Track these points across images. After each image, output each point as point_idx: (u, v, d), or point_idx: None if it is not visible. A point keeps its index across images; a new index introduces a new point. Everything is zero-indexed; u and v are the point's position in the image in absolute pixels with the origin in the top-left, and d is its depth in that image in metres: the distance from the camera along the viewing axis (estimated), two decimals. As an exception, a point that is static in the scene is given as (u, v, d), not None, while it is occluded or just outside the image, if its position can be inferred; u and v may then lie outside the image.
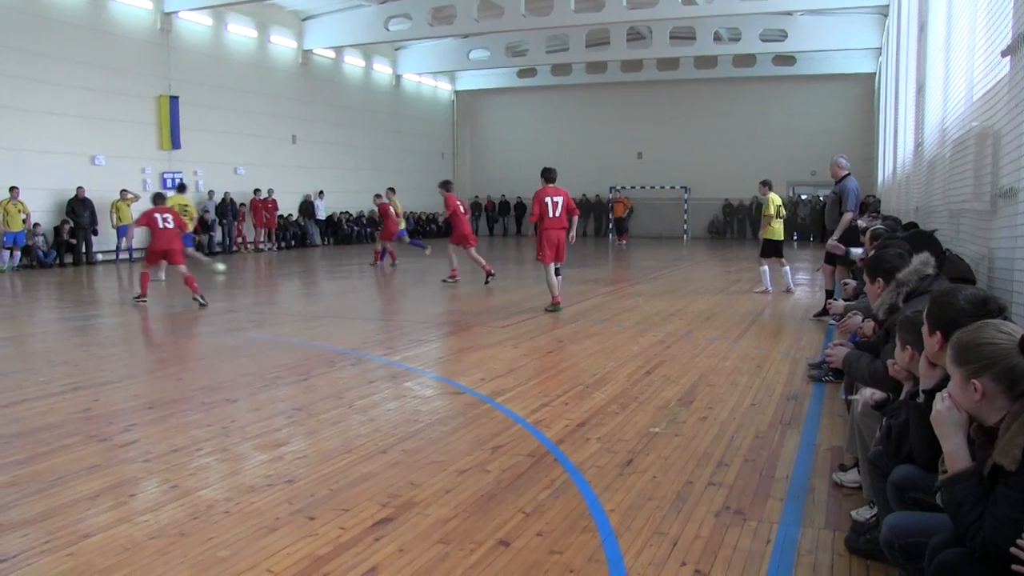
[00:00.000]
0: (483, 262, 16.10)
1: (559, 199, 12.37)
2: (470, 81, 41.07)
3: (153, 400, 6.78)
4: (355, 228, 33.62)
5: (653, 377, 7.61)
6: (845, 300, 7.11)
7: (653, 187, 38.13)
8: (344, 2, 29.93)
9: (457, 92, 41.95)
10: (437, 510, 4.30)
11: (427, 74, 38.76)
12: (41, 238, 21.93)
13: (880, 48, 28.08)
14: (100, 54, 23.71)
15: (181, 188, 21.89)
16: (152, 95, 25.56)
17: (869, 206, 12.57)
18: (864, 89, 34.22)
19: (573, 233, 12.67)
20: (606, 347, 9.22)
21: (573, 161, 37.47)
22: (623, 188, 37.35)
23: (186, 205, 20.11)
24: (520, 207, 39.56)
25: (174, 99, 25.82)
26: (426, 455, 5.25)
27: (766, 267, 14.65)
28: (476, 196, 41.15)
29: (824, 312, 10.79)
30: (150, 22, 25.54)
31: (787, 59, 33.94)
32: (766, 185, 15.01)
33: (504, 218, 40.65)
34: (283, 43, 30.92)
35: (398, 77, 37.62)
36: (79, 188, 22.53)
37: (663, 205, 38.68)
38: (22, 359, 9.11)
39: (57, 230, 22.45)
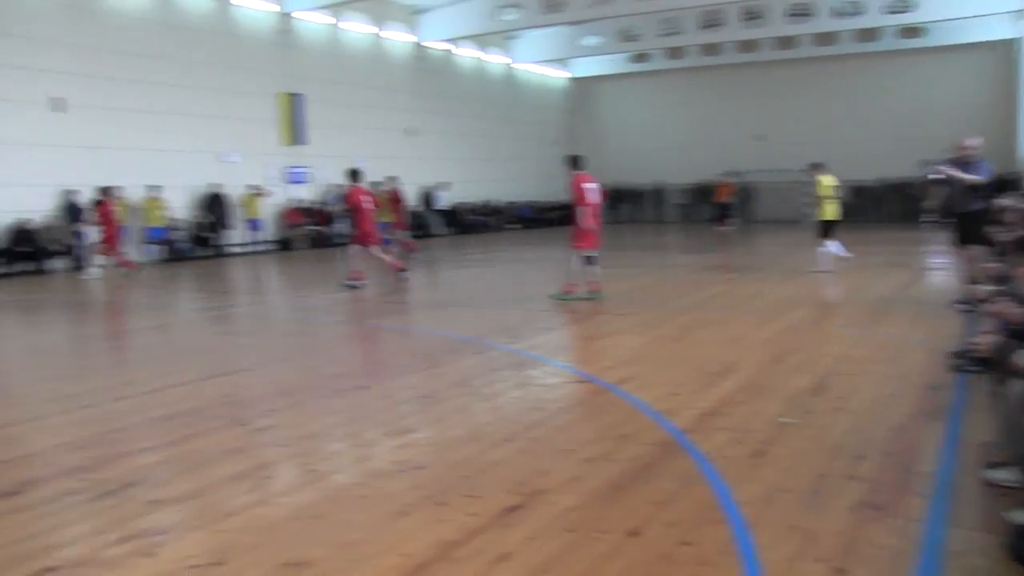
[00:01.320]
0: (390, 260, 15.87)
1: (596, 186, 12.38)
2: (583, 68, 40.80)
3: (288, 387, 7.02)
4: (475, 218, 33.96)
5: (782, 365, 7.44)
6: (987, 284, 6.76)
7: (771, 170, 37.17)
8: (457, -6, 30.29)
9: (572, 79, 41.82)
10: (565, 498, 4.32)
11: (540, 62, 38.74)
12: (181, 233, 23.00)
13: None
14: (227, 56, 24.65)
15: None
16: (276, 93, 26.40)
17: (1009, 183, 11.95)
18: (1002, 58, 32.33)
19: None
20: (732, 335, 9.05)
21: (688, 145, 36.87)
22: (740, 172, 36.55)
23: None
24: (638, 193, 39.17)
25: (297, 96, 26.60)
26: (553, 443, 5.29)
27: (827, 247, 14.53)
28: (594, 183, 40.97)
29: (964, 300, 10.32)
30: (271, 23, 26.38)
31: (913, 31, 32.37)
32: (816, 168, 14.91)
33: (623, 205, 40.30)
34: (397, 37, 31.42)
35: (511, 67, 37.78)
36: (213, 184, 23.53)
37: (783, 188, 37.69)
38: (167, 347, 9.58)
39: (194, 225, 23.52)
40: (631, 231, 33.18)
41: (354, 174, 15.29)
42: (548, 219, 37.54)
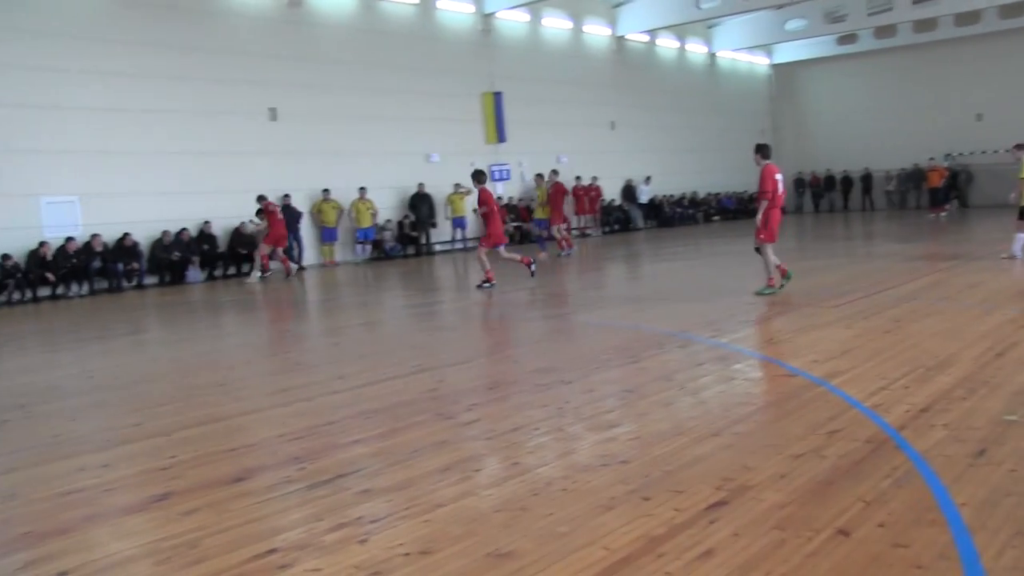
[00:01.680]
0: (517, 257, 15.51)
1: (781, 176, 11.87)
2: (787, 53, 39.36)
3: (492, 381, 7.17)
4: (677, 211, 33.52)
5: (1005, 360, 6.87)
6: None
7: (996, 151, 34.42)
8: (655, -15, 29.95)
9: (774, 66, 40.45)
10: (772, 495, 4.16)
11: (742, 50, 37.70)
12: (389, 232, 24.01)
13: None
14: (430, 60, 25.53)
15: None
16: (477, 92, 27.04)
17: None
18: None
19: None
20: (949, 327, 8.47)
21: (898, 129, 34.82)
22: (956, 155, 34.16)
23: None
24: (846, 181, 37.37)
25: (497, 95, 27.12)
26: (759, 438, 5.12)
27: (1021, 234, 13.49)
28: (799, 172, 39.43)
29: None
30: (472, 24, 27.04)
31: None
32: (1021, 148, 13.79)
33: (830, 193, 38.54)
34: (597, 31, 31.44)
35: (712, 55, 37.00)
36: (420, 184, 24.41)
37: (1002, 171, 34.86)
38: (377, 342, 10.01)
39: (400, 224, 24.48)
40: (838, 220, 31.77)
41: (479, 175, 15.24)
42: (751, 210, 36.50)
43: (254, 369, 8.72)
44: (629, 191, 31.92)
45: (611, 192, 31.22)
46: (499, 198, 27.10)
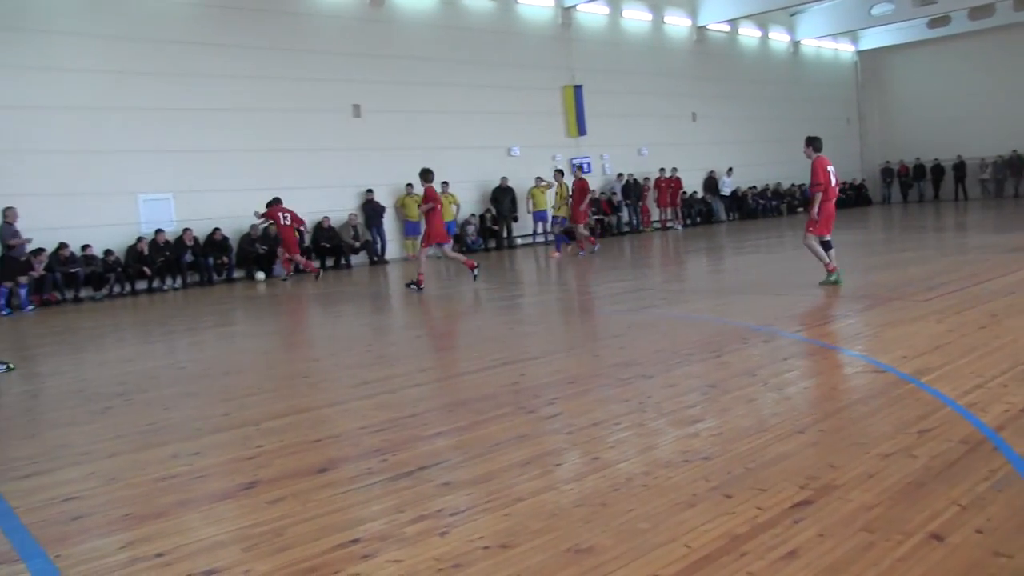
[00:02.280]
0: (462, 258, 15.58)
1: (833, 168, 11.72)
2: (874, 39, 38.30)
3: (573, 375, 7.15)
4: (760, 202, 32.98)
5: (1116, 357, 6.59)
6: None
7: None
8: (736, -27, 29.47)
9: (860, 52, 39.44)
10: (860, 495, 4.06)
11: (826, 37, 36.82)
12: (471, 227, 24.17)
13: None
14: (510, 54, 25.61)
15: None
16: (558, 86, 27.02)
17: None
18: None
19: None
20: (1053, 321, 8.16)
21: (994, 115, 33.63)
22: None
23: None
24: (937, 169, 36.26)
25: (578, 88, 27.06)
26: (846, 436, 5.00)
27: None
28: (887, 161, 38.42)
29: None
30: (552, 17, 27.00)
31: None
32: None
33: (920, 183, 37.44)
34: (677, 22, 31.11)
35: (796, 43, 36.24)
36: (502, 178, 24.51)
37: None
38: (459, 336, 10.10)
39: (482, 218, 24.61)
40: (929, 210, 30.84)
41: (426, 173, 15.28)
42: (836, 200, 35.74)
43: (337, 361, 8.87)
44: (711, 183, 31.53)
45: (693, 184, 30.87)
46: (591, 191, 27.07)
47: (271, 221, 19.29)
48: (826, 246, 11.78)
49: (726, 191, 31.78)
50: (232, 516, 4.39)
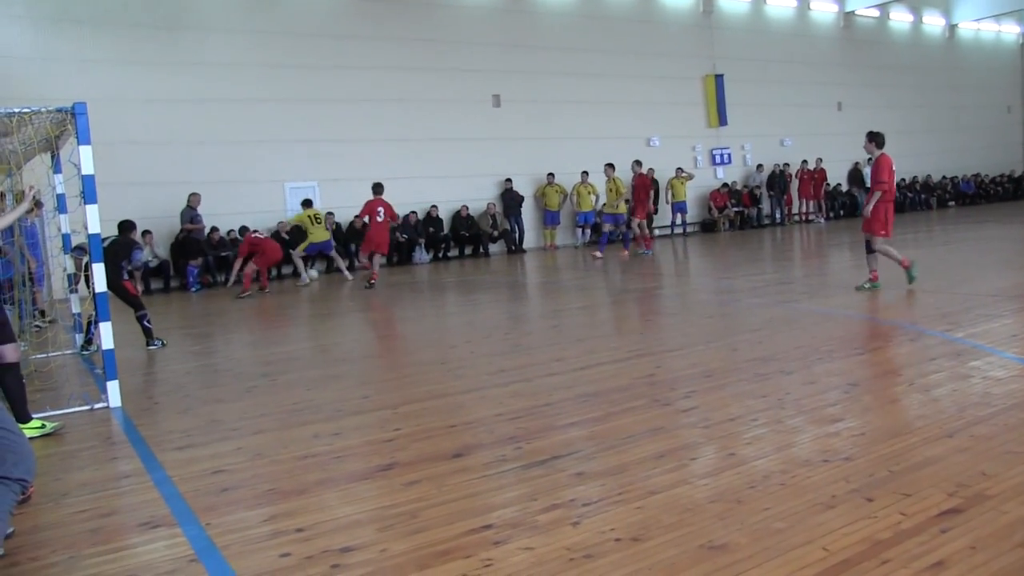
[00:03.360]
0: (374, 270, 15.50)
1: (895, 168, 11.10)
2: (1039, 19, 36.05)
3: (710, 369, 7.04)
4: (908, 195, 31.61)
5: None
6: None
7: None
8: (893, -47, 28.19)
9: (1023, 34, 37.14)
10: (1017, 508, 3.82)
11: (987, 19, 34.75)
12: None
13: None
14: (650, 43, 25.34)
15: (306, 204, 18.59)
16: (699, 75, 26.58)
17: None
18: None
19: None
20: None
21: None
22: None
23: (316, 215, 18.15)
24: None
25: (719, 77, 26.55)
26: (1000, 443, 4.73)
27: None
28: (1052, 154, 36.20)
29: None
30: (693, 5, 26.55)
31: None
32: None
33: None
34: (824, 8, 30.10)
35: (952, 27, 34.42)
36: (648, 168, 24.23)
37: None
38: (595, 326, 10.08)
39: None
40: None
41: (376, 187, 16.02)
42: (992, 194, 33.95)
43: (475, 349, 8.99)
44: (856, 175, 30.37)
45: (837, 176, 29.83)
46: (725, 184, 26.52)
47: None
48: (868, 248, 11.15)
49: (870, 183, 30.59)
50: (369, 496, 4.52)
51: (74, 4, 17.85)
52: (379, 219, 15.88)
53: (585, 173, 22.75)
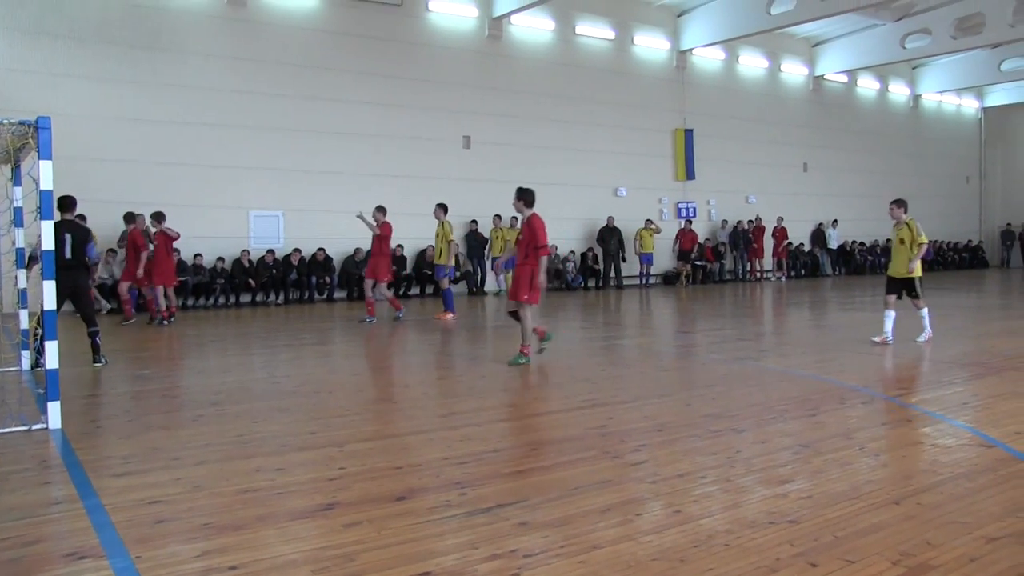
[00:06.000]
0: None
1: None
2: (1001, 96, 37.04)
3: (663, 423, 7.00)
4: (869, 258, 32.09)
5: None
6: None
7: None
8: (857, 24, 28.84)
9: (985, 109, 38.14)
10: (959, 578, 3.82)
11: (949, 91, 35.71)
12: (571, 264, 24.12)
13: None
14: (623, 94, 25.69)
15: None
16: (669, 129, 26.91)
17: None
18: None
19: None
20: None
21: None
22: None
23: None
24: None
25: (689, 132, 26.91)
26: (946, 512, 4.73)
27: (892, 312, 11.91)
28: (1008, 223, 36.96)
29: None
30: (667, 60, 26.96)
31: None
32: (900, 206, 11.91)
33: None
34: (794, 70, 30.73)
35: (916, 97, 35.29)
36: (609, 218, 24.43)
37: None
38: (550, 374, 10.00)
39: (584, 256, 24.53)
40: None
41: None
42: (950, 261, 34.58)
43: (427, 390, 8.89)
44: (819, 235, 30.83)
45: (800, 235, 30.24)
46: (689, 222, 26.74)
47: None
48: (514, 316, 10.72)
49: (834, 244, 31.02)
50: (307, 536, 4.40)
51: (51, 18, 17.74)
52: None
53: (497, 217, 22.64)
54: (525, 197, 10.47)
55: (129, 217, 15.87)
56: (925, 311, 11.93)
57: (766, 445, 6.24)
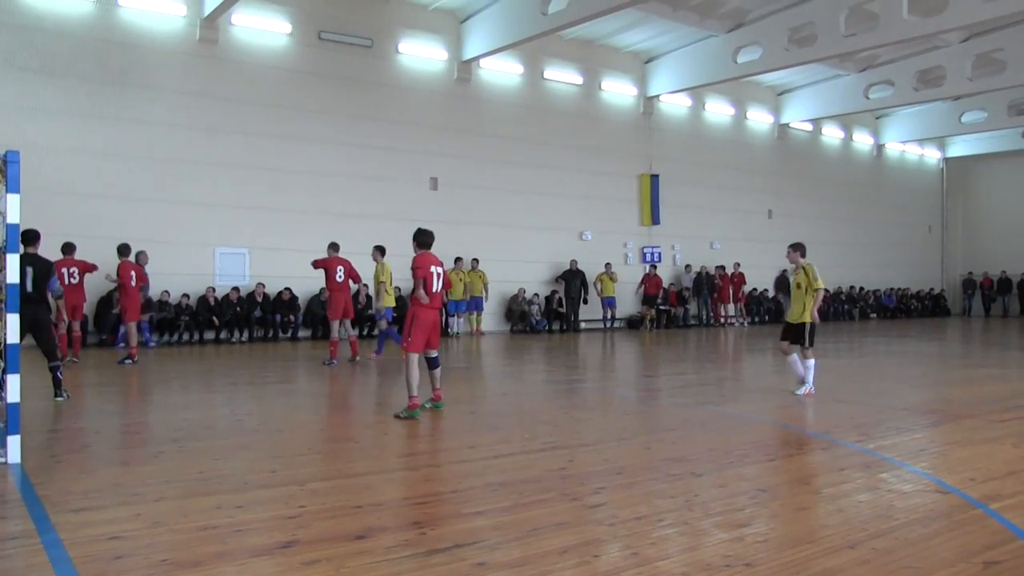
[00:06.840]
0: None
1: (441, 270, 10.55)
2: (962, 147, 37.91)
3: (622, 466, 7.03)
4: (832, 305, 32.47)
5: None
6: None
7: None
8: (822, 74, 29.48)
9: (947, 159, 38.99)
10: (910, 621, 3.88)
11: (912, 142, 36.51)
12: (536, 307, 24.18)
13: None
14: (590, 138, 26.00)
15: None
16: (635, 174, 27.23)
17: None
18: None
19: None
20: None
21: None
22: None
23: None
24: (1021, 285, 35.41)
25: (655, 177, 27.25)
26: (900, 558, 4.79)
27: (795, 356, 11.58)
28: (970, 272, 37.62)
29: None
30: (634, 106, 27.35)
31: None
32: (796, 249, 12.07)
33: (1005, 297, 36.44)
34: (759, 118, 31.27)
35: (880, 147, 36.03)
36: (572, 261, 24.57)
37: None
38: (512, 415, 10.02)
39: (548, 299, 24.63)
40: (1014, 326, 29.95)
41: (335, 246, 15.35)
42: (913, 309, 35.10)
43: (388, 429, 8.87)
44: (783, 282, 31.14)
45: (765, 281, 30.58)
46: (654, 267, 26.95)
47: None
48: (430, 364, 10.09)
49: (797, 292, 31.41)
50: (266, 573, 4.39)
51: (22, 52, 17.70)
52: (339, 279, 14.79)
53: (459, 259, 22.66)
54: (419, 238, 10.40)
55: (125, 249, 15.17)
56: (812, 362, 11.40)
57: (725, 489, 6.29)
